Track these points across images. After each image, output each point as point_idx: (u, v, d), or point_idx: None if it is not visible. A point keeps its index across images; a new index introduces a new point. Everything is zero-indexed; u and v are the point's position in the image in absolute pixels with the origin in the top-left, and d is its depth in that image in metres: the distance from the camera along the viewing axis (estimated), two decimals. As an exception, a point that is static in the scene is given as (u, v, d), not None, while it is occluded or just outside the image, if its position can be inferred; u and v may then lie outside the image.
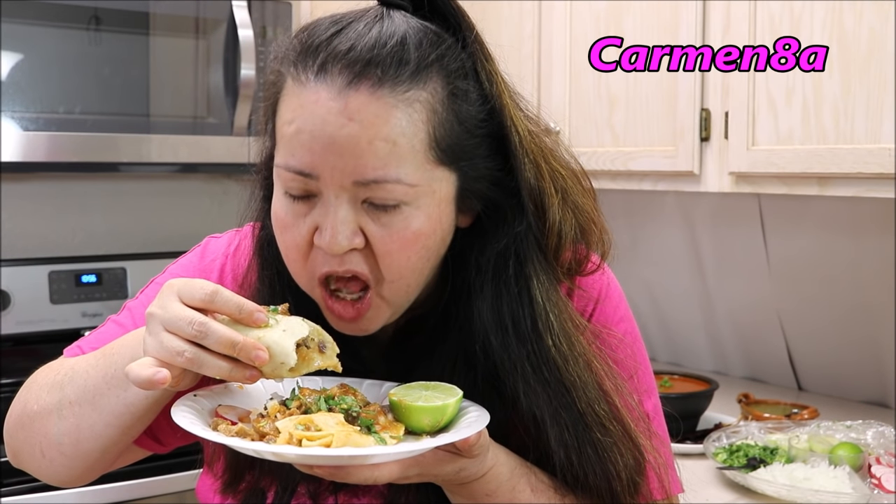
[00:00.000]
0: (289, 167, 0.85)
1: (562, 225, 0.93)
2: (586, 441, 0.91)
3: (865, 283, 2.07)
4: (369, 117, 0.82)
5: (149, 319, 0.82)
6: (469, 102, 0.87)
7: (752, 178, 1.81)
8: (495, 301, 0.91)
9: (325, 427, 0.80)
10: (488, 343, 0.91)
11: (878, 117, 1.59)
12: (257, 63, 2.16)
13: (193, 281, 0.82)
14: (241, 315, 0.81)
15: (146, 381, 0.79)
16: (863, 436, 1.70)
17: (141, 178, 2.48)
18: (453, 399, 0.85)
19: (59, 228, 2.36)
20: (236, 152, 2.17)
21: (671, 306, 2.53)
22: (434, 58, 0.85)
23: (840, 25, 1.64)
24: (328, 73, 0.83)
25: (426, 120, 0.84)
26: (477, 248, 0.92)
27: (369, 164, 0.82)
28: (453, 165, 0.87)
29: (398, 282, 0.88)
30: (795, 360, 2.29)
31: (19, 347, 2.19)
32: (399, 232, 0.85)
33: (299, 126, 0.84)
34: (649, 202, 2.46)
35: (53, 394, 0.95)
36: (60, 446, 0.94)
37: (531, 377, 0.90)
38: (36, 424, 0.96)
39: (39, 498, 1.70)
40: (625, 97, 2.03)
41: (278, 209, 0.89)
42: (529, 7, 2.17)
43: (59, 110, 1.99)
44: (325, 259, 0.87)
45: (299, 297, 0.92)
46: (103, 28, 2.03)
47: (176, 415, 0.82)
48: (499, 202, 0.91)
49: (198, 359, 0.79)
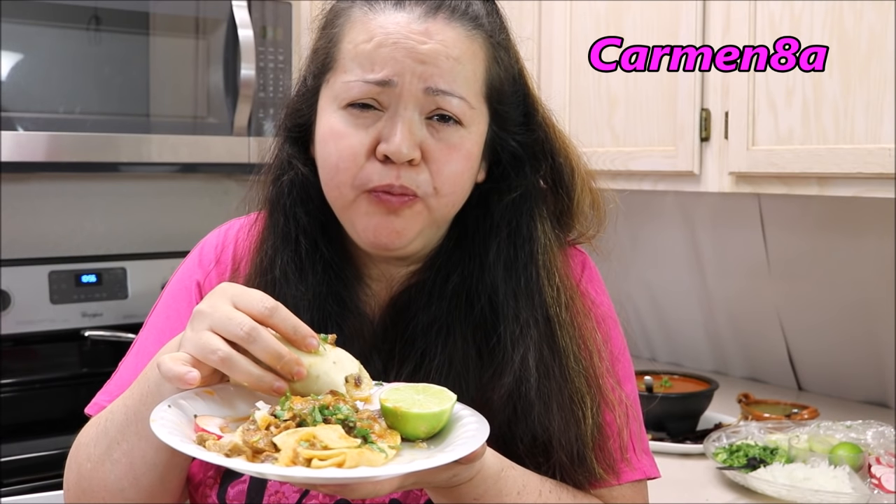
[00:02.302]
0: (366, 79, 0.94)
1: (571, 182, 1.07)
2: (564, 387, 0.98)
3: (865, 283, 2.07)
4: (446, 39, 0.94)
5: (195, 316, 0.83)
6: (507, 55, 1.02)
7: (752, 178, 1.81)
8: (507, 239, 1.02)
9: (329, 442, 0.77)
10: (493, 278, 1.01)
11: (878, 117, 1.59)
12: (257, 63, 2.16)
13: (252, 291, 0.84)
14: (294, 336, 0.82)
15: (176, 377, 0.79)
16: (863, 436, 1.70)
17: (141, 178, 2.48)
18: (449, 404, 0.84)
19: (59, 228, 2.36)
20: (236, 152, 2.17)
21: (671, 306, 2.53)
22: (485, 12, 1.00)
23: (840, 25, 1.64)
24: (405, 4, 0.95)
25: (483, 57, 0.98)
26: (496, 193, 1.03)
27: (444, 77, 0.94)
28: (493, 106, 1.00)
29: (447, 196, 0.97)
30: (795, 360, 2.29)
31: (19, 347, 2.19)
32: (455, 147, 0.96)
33: (380, 41, 0.94)
34: (649, 202, 2.46)
35: (101, 443, 0.94)
36: (122, 492, 0.92)
37: (523, 312, 0.99)
38: (94, 483, 0.94)
39: (40, 498, 1.70)
40: (625, 97, 2.03)
41: (335, 122, 0.96)
42: (529, 7, 2.17)
43: (59, 110, 1.99)
44: (382, 172, 0.94)
45: (310, 241, 1.01)
46: (103, 28, 2.03)
47: (161, 433, 0.78)
48: (519, 154, 1.03)
49: (230, 360, 0.80)
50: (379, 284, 1.06)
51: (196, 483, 1.04)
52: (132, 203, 2.47)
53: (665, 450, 1.81)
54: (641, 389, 1.96)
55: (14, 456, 1.74)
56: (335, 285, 1.02)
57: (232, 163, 2.17)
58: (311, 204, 1.03)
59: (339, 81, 0.96)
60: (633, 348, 1.14)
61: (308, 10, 2.25)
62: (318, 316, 0.99)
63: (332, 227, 1.03)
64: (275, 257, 1.02)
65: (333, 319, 1.00)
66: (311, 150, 1.04)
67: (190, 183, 2.54)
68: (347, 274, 1.04)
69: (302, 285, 1.01)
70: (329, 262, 1.02)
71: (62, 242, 2.36)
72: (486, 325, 1.00)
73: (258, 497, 0.99)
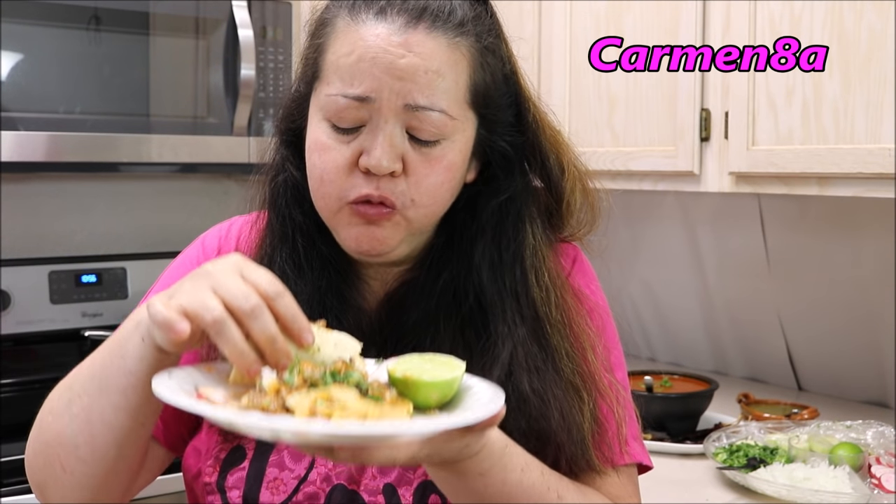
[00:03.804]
0: (346, 94, 0.94)
1: (560, 182, 1.07)
2: (558, 384, 0.99)
3: (865, 283, 2.07)
4: (426, 51, 0.94)
5: (199, 273, 0.81)
6: (496, 59, 1.01)
7: (752, 178, 1.81)
8: (492, 241, 1.03)
9: (347, 401, 0.74)
10: (479, 278, 1.02)
11: (878, 117, 1.59)
12: (257, 63, 2.16)
13: (263, 269, 0.82)
14: (292, 325, 0.80)
15: (165, 322, 0.77)
16: (863, 436, 1.70)
17: (141, 178, 2.48)
18: (459, 372, 0.83)
19: (59, 228, 2.36)
20: (236, 152, 2.17)
21: (671, 306, 2.53)
22: (473, 15, 0.99)
23: (840, 25, 1.64)
24: (387, 15, 0.94)
25: (467, 65, 0.97)
26: (484, 195, 1.04)
27: (423, 91, 0.94)
28: (480, 111, 1.00)
29: (427, 207, 0.98)
30: (795, 360, 2.29)
31: (19, 347, 2.19)
32: (436, 160, 0.96)
33: (360, 55, 0.94)
34: (649, 202, 2.46)
35: (63, 396, 0.93)
36: (77, 450, 0.91)
37: (510, 311, 1.00)
38: (52, 435, 0.93)
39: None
40: (625, 97, 2.03)
41: (320, 135, 0.97)
42: (529, 7, 2.17)
43: (59, 110, 1.99)
44: (363, 182, 0.95)
45: (308, 239, 1.02)
46: (103, 28, 2.03)
47: (164, 394, 0.75)
48: (509, 155, 1.03)
49: (223, 324, 0.77)
50: (375, 281, 1.07)
51: (194, 474, 1.04)
52: (132, 203, 2.47)
53: (665, 450, 1.81)
54: (641, 389, 1.96)
55: (14, 456, 1.73)
56: (334, 281, 1.03)
57: (232, 163, 2.17)
58: (307, 204, 1.03)
59: (323, 93, 0.97)
60: (633, 348, 1.14)
61: (308, 10, 2.25)
62: (319, 310, 1.00)
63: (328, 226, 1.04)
64: (273, 255, 1.03)
65: (333, 313, 1.01)
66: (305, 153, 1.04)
67: (190, 183, 2.54)
68: (346, 270, 1.05)
69: (301, 281, 1.01)
70: (327, 258, 1.03)
71: (62, 242, 2.36)
72: (474, 323, 1.02)
73: (257, 483, 0.99)
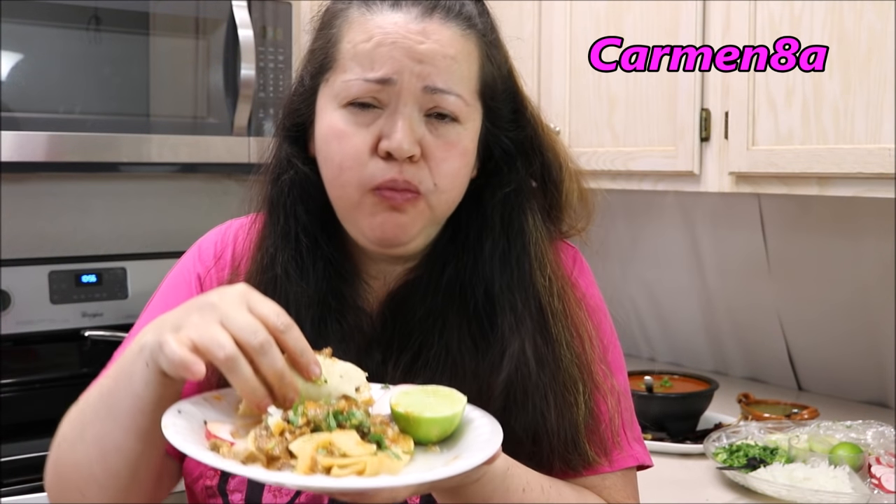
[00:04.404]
0: (367, 77, 0.95)
1: (559, 176, 1.08)
2: (557, 375, 1.00)
3: (865, 283, 2.07)
4: (443, 38, 0.97)
5: (206, 306, 0.81)
6: (499, 54, 1.05)
7: (752, 178, 1.81)
8: (501, 233, 1.04)
9: (347, 449, 0.76)
10: (488, 271, 1.03)
11: (878, 117, 1.59)
12: (257, 63, 2.16)
13: (269, 301, 0.82)
14: (301, 358, 0.81)
15: (182, 363, 0.77)
16: (863, 436, 1.70)
17: (141, 178, 2.48)
18: (460, 407, 0.84)
19: (59, 228, 2.36)
20: (236, 152, 2.17)
21: (671, 306, 2.53)
22: (478, 12, 1.02)
23: (840, 25, 1.64)
24: (402, 5, 0.97)
25: (477, 56, 1.01)
26: (490, 189, 1.05)
27: (441, 75, 0.96)
28: (486, 103, 1.03)
29: (447, 192, 0.99)
30: (795, 360, 2.29)
31: (19, 347, 2.19)
32: (453, 144, 0.98)
33: (379, 40, 0.96)
34: (649, 202, 2.46)
35: (76, 423, 0.93)
36: (92, 475, 0.90)
37: (518, 303, 1.01)
38: (68, 464, 0.92)
39: (40, 498, 1.70)
40: (625, 97, 2.03)
41: (336, 122, 0.98)
42: (529, 7, 2.17)
43: (59, 110, 1.99)
44: (385, 167, 0.96)
45: (311, 239, 1.02)
46: (103, 28, 2.03)
47: (175, 441, 0.77)
48: (510, 149, 1.06)
49: (235, 361, 0.78)
50: (377, 282, 1.07)
51: (195, 477, 1.04)
52: (132, 203, 2.46)
53: (665, 450, 1.81)
54: (641, 389, 1.96)
55: (14, 456, 1.74)
56: (335, 282, 1.03)
57: (232, 163, 2.17)
58: (312, 202, 1.03)
59: (339, 81, 0.98)
60: (633, 348, 1.15)
61: (308, 10, 2.24)
62: (319, 311, 1.00)
63: (331, 226, 1.04)
64: (276, 255, 1.03)
65: (333, 315, 1.01)
66: (309, 149, 1.05)
67: (190, 183, 2.54)
68: (347, 271, 1.05)
69: (303, 282, 1.01)
70: (329, 259, 1.03)
71: (62, 242, 2.36)
72: (481, 317, 1.02)
73: (259, 486, 1.00)
